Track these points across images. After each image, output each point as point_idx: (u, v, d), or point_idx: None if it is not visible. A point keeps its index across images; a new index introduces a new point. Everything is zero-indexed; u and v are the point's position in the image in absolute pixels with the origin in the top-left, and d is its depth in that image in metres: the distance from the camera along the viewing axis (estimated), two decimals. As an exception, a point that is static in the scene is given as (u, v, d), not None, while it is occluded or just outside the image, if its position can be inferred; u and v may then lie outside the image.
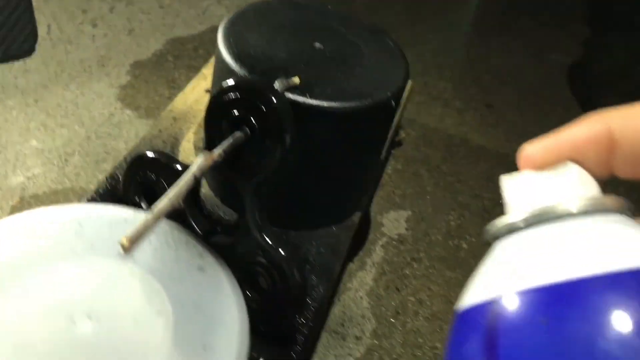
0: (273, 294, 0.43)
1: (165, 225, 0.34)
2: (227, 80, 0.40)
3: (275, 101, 0.38)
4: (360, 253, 0.65)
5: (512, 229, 0.22)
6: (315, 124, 0.44)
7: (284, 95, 0.40)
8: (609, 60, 1.03)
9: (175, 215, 0.39)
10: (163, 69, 0.79)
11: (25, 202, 0.58)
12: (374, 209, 0.71)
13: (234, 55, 0.45)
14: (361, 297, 0.61)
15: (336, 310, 0.59)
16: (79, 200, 0.62)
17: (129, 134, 0.69)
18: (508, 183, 0.24)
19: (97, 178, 0.63)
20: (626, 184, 0.25)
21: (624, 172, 0.22)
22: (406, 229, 0.69)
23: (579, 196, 0.22)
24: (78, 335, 0.27)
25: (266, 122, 0.39)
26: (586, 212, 0.21)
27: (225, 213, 0.53)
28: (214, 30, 0.88)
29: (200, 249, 0.33)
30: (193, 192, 0.43)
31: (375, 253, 0.66)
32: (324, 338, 0.57)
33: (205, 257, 0.32)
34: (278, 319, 0.43)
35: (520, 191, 0.24)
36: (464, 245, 0.69)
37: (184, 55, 0.83)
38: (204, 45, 0.85)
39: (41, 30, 0.79)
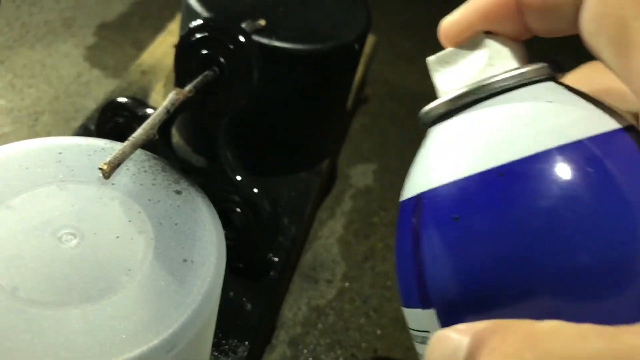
0: (247, 230, 0.44)
1: (142, 155, 0.35)
2: (196, 21, 0.41)
3: (243, 40, 0.40)
4: (330, 203, 0.67)
5: (439, 113, 0.22)
6: (282, 66, 0.46)
7: (251, 35, 0.41)
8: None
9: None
10: (129, 30, 0.79)
11: (-3, 159, 0.58)
12: (342, 162, 0.73)
13: (200, 0, 0.46)
14: (331, 244, 0.63)
15: (308, 257, 0.61)
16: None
17: (97, 93, 0.69)
18: (432, 63, 0.24)
19: (68, 135, 0.64)
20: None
21: (540, 30, 0.22)
22: (373, 180, 0.71)
23: (501, 71, 0.21)
24: (64, 251, 0.29)
25: (234, 61, 0.40)
26: (512, 86, 0.21)
27: (197, 161, 0.55)
28: (179, -8, 0.89)
29: (177, 175, 0.34)
30: (166, 134, 0.44)
31: (345, 203, 0.68)
32: (297, 282, 0.59)
33: (181, 182, 0.34)
34: (252, 254, 0.45)
35: (443, 73, 0.24)
36: (429, 195, 0.72)
37: (149, 16, 0.83)
38: (169, 7, 0.85)
39: (4, -7, 0.78)
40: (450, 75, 0.23)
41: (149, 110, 0.43)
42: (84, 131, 0.52)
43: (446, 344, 0.18)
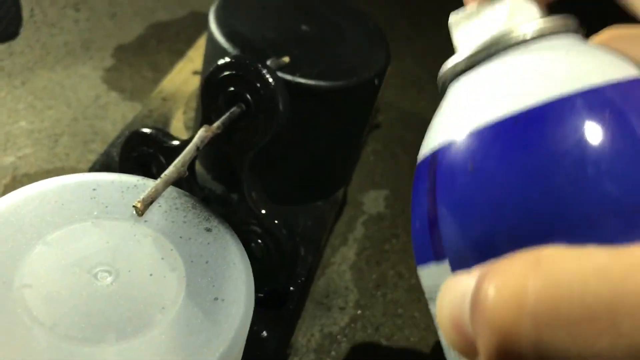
0: (267, 261, 0.45)
1: (173, 192, 0.36)
2: (223, 58, 0.42)
3: (269, 78, 0.41)
4: (342, 229, 0.68)
5: (458, 69, 0.22)
6: (304, 102, 0.47)
7: (277, 72, 0.42)
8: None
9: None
10: (146, 52, 0.81)
11: (17, 181, 0.60)
12: (354, 188, 0.74)
13: (226, 35, 0.47)
14: (344, 271, 0.64)
15: (321, 283, 0.62)
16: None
17: (115, 116, 0.71)
18: (453, 21, 0.24)
19: (86, 158, 0.65)
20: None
21: None
22: (385, 207, 0.72)
23: (520, 23, 0.21)
24: (100, 288, 0.30)
25: (261, 98, 0.41)
26: (531, 38, 0.21)
27: (216, 189, 0.56)
28: (194, 15, 0.90)
29: (206, 213, 0.35)
30: (191, 165, 0.45)
31: (357, 230, 0.69)
32: (310, 309, 0.60)
33: (211, 220, 0.35)
34: (271, 285, 0.46)
35: (462, 30, 0.23)
36: (440, 222, 0.73)
37: (166, 39, 0.84)
38: (185, 30, 0.87)
39: (24, 14, 0.80)
40: (469, 32, 0.23)
41: (174, 142, 0.44)
42: (106, 158, 0.53)
43: (455, 288, 0.18)
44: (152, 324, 0.29)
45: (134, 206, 0.32)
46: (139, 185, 0.35)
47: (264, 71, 0.41)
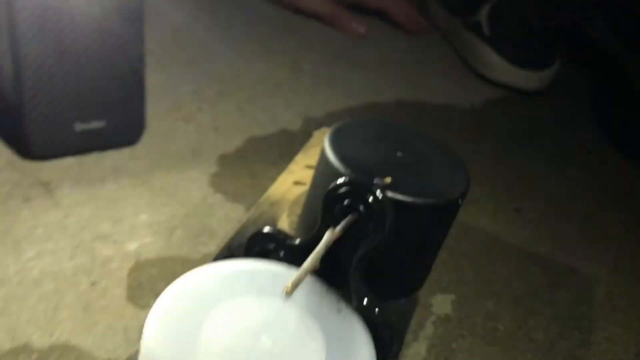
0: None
1: (310, 278, 0.46)
2: (341, 178, 0.53)
3: (379, 195, 0.51)
4: (414, 327, 0.76)
5: None
6: (402, 215, 0.57)
7: (386, 190, 0.53)
8: (618, 178, 1.17)
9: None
10: (245, 162, 0.93)
11: (140, 265, 0.71)
12: (424, 291, 0.82)
13: (339, 159, 0.59)
14: (415, 365, 0.72)
15: (395, 375, 0.70)
16: (184, 267, 0.75)
17: (219, 215, 0.82)
18: None
19: (196, 249, 0.75)
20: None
21: None
22: (452, 310, 0.80)
23: None
24: (259, 354, 0.39)
25: (372, 210, 0.52)
26: None
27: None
28: (284, 132, 1.04)
29: (337, 296, 0.45)
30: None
31: (427, 328, 0.77)
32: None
33: (340, 302, 0.44)
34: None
35: None
36: (500, 327, 0.80)
37: (261, 151, 0.97)
38: (276, 145, 0.99)
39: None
40: None
41: (296, 241, 0.55)
42: (227, 251, 0.64)
43: None
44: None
45: (285, 292, 0.42)
46: (284, 273, 0.45)
47: (375, 190, 0.52)
